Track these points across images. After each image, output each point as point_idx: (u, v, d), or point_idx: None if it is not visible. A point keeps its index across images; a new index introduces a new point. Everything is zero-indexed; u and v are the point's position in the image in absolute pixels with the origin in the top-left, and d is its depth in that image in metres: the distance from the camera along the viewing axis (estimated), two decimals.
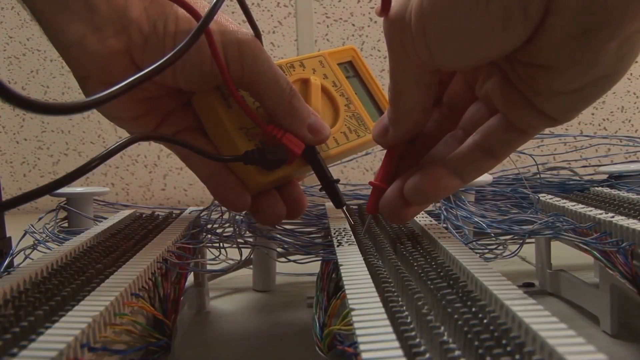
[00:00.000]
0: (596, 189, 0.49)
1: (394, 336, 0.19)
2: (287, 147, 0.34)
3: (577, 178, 0.55)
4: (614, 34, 0.23)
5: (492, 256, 0.37)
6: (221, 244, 0.41)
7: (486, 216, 0.42)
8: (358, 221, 0.40)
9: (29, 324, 0.21)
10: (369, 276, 0.26)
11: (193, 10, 0.31)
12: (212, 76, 0.33)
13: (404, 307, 0.22)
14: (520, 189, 0.48)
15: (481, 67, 0.30)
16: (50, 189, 0.25)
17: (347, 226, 0.37)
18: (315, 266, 0.34)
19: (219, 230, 0.42)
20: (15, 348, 0.19)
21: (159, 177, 1.19)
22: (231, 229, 0.42)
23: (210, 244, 0.42)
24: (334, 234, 0.35)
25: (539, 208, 0.44)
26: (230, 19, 0.34)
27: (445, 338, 0.19)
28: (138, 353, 0.24)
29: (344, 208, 0.37)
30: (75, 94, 1.17)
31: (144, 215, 0.45)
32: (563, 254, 0.45)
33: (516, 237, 0.39)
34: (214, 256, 0.41)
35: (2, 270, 0.35)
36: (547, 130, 0.33)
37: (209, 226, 0.43)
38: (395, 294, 0.24)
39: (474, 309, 0.21)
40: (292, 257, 0.40)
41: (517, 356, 0.18)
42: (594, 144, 0.67)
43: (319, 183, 0.37)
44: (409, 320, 0.21)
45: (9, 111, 1.18)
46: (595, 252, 0.35)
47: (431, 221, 0.38)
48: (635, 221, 0.34)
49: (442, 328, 0.20)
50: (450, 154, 0.30)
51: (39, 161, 1.20)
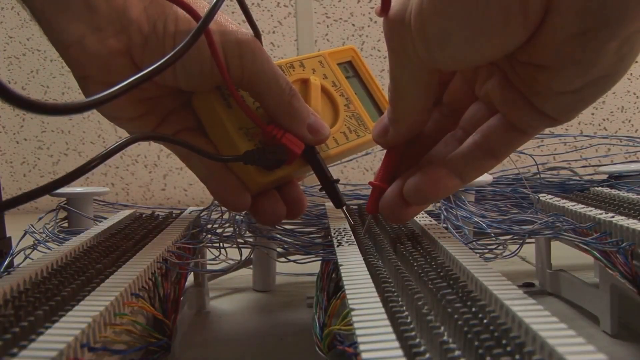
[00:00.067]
0: (596, 189, 0.49)
1: (394, 336, 0.19)
2: (287, 147, 0.34)
3: (577, 178, 0.55)
4: (613, 34, 0.23)
5: (492, 256, 0.37)
6: (221, 244, 0.41)
7: (486, 216, 0.42)
8: (358, 221, 0.40)
9: (29, 324, 0.21)
10: (369, 276, 0.26)
11: (192, 11, 0.31)
12: (212, 76, 0.33)
13: (404, 307, 0.22)
14: (520, 189, 0.48)
15: (481, 67, 0.30)
16: (50, 189, 0.25)
17: (347, 226, 0.37)
18: (315, 266, 0.34)
19: (219, 230, 0.42)
20: (15, 348, 0.19)
21: (159, 177, 1.19)
22: (231, 229, 0.42)
23: (210, 244, 0.42)
24: (334, 234, 0.35)
25: (539, 208, 0.44)
26: (230, 19, 0.34)
27: (445, 338, 0.19)
28: (138, 353, 0.24)
29: (344, 208, 0.37)
30: (75, 94, 1.17)
31: (144, 215, 0.45)
32: (563, 254, 0.45)
33: (516, 237, 0.39)
34: (214, 256, 0.41)
35: (2, 270, 0.35)
36: (547, 130, 0.33)
37: (209, 226, 0.43)
38: (395, 294, 0.24)
39: (474, 309, 0.21)
40: (292, 257, 0.40)
41: (517, 356, 0.18)
42: (594, 144, 0.67)
43: (319, 183, 0.37)
44: (409, 320, 0.21)
45: (9, 111, 1.18)
46: (595, 252, 0.35)
47: (431, 221, 0.38)
48: (635, 221, 0.34)
49: (442, 328, 0.20)
50: (450, 154, 0.30)
51: (39, 161, 1.20)
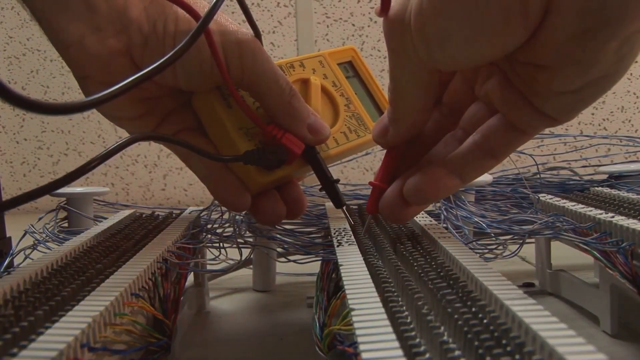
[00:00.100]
0: (596, 189, 0.49)
1: (394, 336, 0.19)
2: (287, 147, 0.34)
3: (577, 178, 0.55)
4: (613, 34, 0.23)
5: (492, 256, 0.37)
6: (221, 244, 0.41)
7: (486, 216, 0.42)
8: (358, 221, 0.40)
9: (29, 324, 0.21)
10: (369, 276, 0.26)
11: (192, 11, 0.31)
12: (212, 76, 0.33)
13: (404, 307, 0.22)
14: (520, 189, 0.48)
15: (481, 67, 0.30)
16: (50, 189, 0.25)
17: (347, 226, 0.37)
18: (315, 266, 0.34)
19: (219, 230, 0.42)
20: (15, 348, 0.19)
21: (159, 177, 1.19)
22: (231, 229, 0.42)
23: (210, 244, 0.42)
24: (334, 234, 0.35)
25: (539, 208, 0.44)
26: (230, 19, 0.34)
27: (445, 338, 0.19)
28: (138, 353, 0.24)
29: (344, 208, 0.37)
30: (75, 94, 1.17)
31: (144, 215, 0.45)
32: (563, 254, 0.45)
33: (516, 237, 0.39)
34: (214, 256, 0.41)
35: (2, 270, 0.35)
36: (547, 130, 0.33)
37: (209, 226, 0.43)
38: (395, 294, 0.24)
39: (474, 309, 0.21)
40: (292, 257, 0.40)
41: (517, 356, 0.18)
42: (594, 144, 0.67)
43: (319, 183, 0.37)
44: (409, 320, 0.21)
45: (9, 111, 1.18)
46: (595, 252, 0.35)
47: (431, 221, 0.38)
48: (635, 221, 0.34)
49: (442, 328, 0.20)
50: (450, 154, 0.30)
51: (39, 161, 1.20)
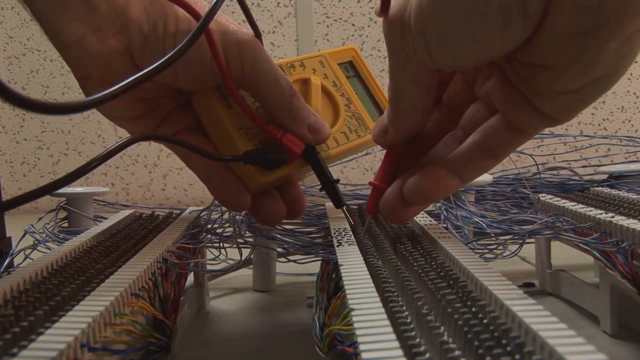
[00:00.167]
0: (596, 189, 0.49)
1: (394, 336, 0.19)
2: (287, 147, 0.34)
3: (577, 178, 0.55)
4: (613, 34, 0.23)
5: (492, 256, 0.37)
6: (221, 244, 0.41)
7: (486, 216, 0.42)
8: (358, 221, 0.40)
9: (29, 324, 0.21)
10: (369, 276, 0.26)
11: (193, 11, 0.31)
12: (212, 76, 0.33)
13: (404, 307, 0.22)
14: (520, 189, 0.48)
15: (481, 67, 0.30)
16: (50, 189, 0.25)
17: (347, 226, 0.37)
18: (315, 266, 0.34)
19: (219, 230, 0.42)
20: (15, 348, 0.19)
21: (159, 177, 1.19)
22: (231, 229, 0.42)
23: (210, 244, 0.42)
24: (334, 234, 0.35)
25: (539, 208, 0.44)
26: (230, 18, 0.34)
27: (445, 338, 0.19)
28: (138, 353, 0.24)
29: (344, 208, 0.37)
30: (75, 94, 1.17)
31: (144, 215, 0.45)
32: (563, 254, 0.45)
33: (516, 237, 0.39)
34: (214, 256, 0.41)
35: (2, 270, 0.35)
36: (547, 130, 0.34)
37: (209, 226, 0.43)
38: (395, 294, 0.24)
39: (474, 309, 0.21)
40: (292, 257, 0.40)
41: (517, 356, 0.18)
42: (594, 144, 0.67)
43: (319, 183, 0.37)
44: (409, 320, 0.21)
45: (9, 111, 1.18)
46: (595, 252, 0.35)
47: (431, 221, 0.38)
48: (635, 221, 0.34)
49: (442, 328, 0.20)
50: (450, 154, 0.30)
51: (39, 161, 1.20)
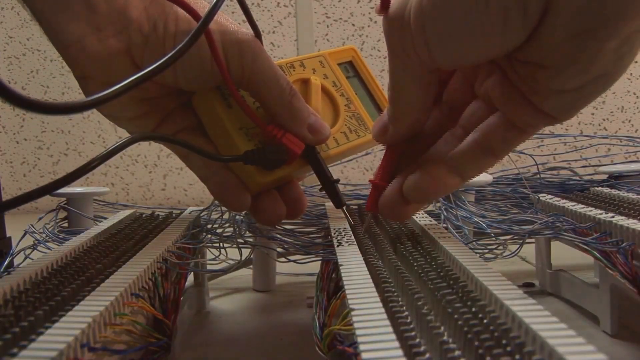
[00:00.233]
0: (596, 189, 0.49)
1: (394, 336, 0.19)
2: (287, 147, 0.34)
3: (577, 178, 0.55)
4: (613, 33, 0.23)
5: (492, 256, 0.37)
6: (221, 244, 0.41)
7: (486, 216, 0.42)
8: (358, 221, 0.40)
9: (29, 324, 0.21)
10: (369, 276, 0.26)
11: (193, 11, 0.31)
12: (212, 76, 0.33)
13: (404, 307, 0.22)
14: (520, 189, 0.48)
15: (481, 65, 0.30)
16: (50, 189, 0.25)
17: (347, 226, 0.37)
18: (315, 266, 0.34)
19: (219, 230, 0.42)
20: (15, 348, 0.19)
21: (159, 177, 1.19)
22: (231, 229, 0.42)
23: (210, 244, 0.42)
24: (334, 234, 0.35)
25: (539, 208, 0.44)
26: (230, 18, 0.34)
27: (445, 338, 0.19)
28: (138, 353, 0.24)
29: (344, 208, 0.37)
30: (75, 94, 1.17)
31: (144, 215, 0.45)
32: (563, 254, 0.45)
33: (516, 237, 0.39)
34: (214, 256, 0.41)
35: (2, 270, 0.35)
36: (547, 130, 0.34)
37: (209, 226, 0.43)
38: (395, 294, 0.24)
39: (474, 309, 0.21)
40: (292, 257, 0.40)
41: (517, 356, 0.18)
42: (594, 144, 0.67)
43: (319, 183, 0.37)
44: (409, 320, 0.21)
45: (9, 111, 1.18)
46: (595, 252, 0.35)
47: (431, 221, 0.38)
48: (635, 221, 0.34)
49: (442, 328, 0.20)
50: (450, 152, 0.30)
51: (39, 161, 1.20)
